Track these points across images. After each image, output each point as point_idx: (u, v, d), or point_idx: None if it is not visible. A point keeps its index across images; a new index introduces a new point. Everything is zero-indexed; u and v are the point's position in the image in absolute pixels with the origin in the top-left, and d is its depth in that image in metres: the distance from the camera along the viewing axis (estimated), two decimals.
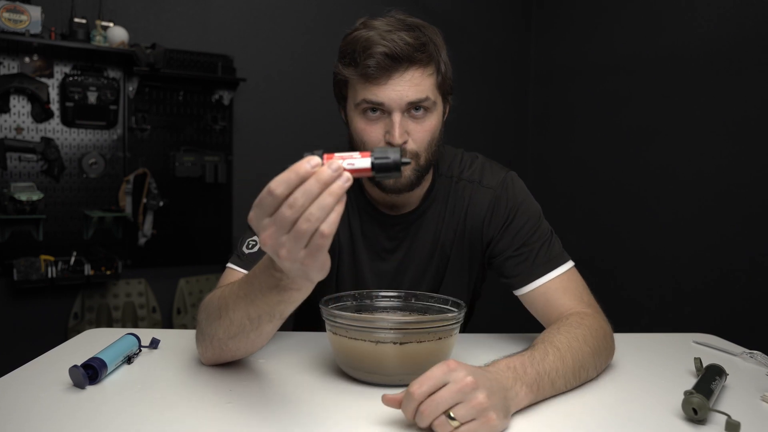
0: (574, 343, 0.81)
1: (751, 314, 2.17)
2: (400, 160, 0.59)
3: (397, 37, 0.88)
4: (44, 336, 2.37)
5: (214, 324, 0.78)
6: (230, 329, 0.76)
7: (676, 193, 2.51)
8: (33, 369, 0.83)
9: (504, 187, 1.03)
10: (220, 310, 0.76)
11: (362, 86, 0.91)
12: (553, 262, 0.97)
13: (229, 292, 0.76)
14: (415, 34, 0.89)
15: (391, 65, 0.88)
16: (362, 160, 0.59)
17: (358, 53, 0.89)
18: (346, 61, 0.91)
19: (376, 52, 0.87)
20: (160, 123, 2.59)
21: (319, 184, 0.55)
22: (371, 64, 0.87)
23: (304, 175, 0.56)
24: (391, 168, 0.59)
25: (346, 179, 0.56)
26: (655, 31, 2.63)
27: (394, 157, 0.59)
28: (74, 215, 2.45)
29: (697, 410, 0.69)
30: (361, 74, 0.89)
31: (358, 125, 0.94)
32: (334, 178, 0.56)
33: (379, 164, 0.59)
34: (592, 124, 3.00)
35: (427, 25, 0.94)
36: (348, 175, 0.57)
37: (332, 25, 2.90)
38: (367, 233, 1.05)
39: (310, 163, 0.56)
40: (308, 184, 0.55)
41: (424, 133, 0.93)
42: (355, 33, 0.91)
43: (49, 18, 2.31)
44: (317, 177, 0.56)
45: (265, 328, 0.74)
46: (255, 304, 0.70)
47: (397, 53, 0.87)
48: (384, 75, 0.88)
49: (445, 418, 0.62)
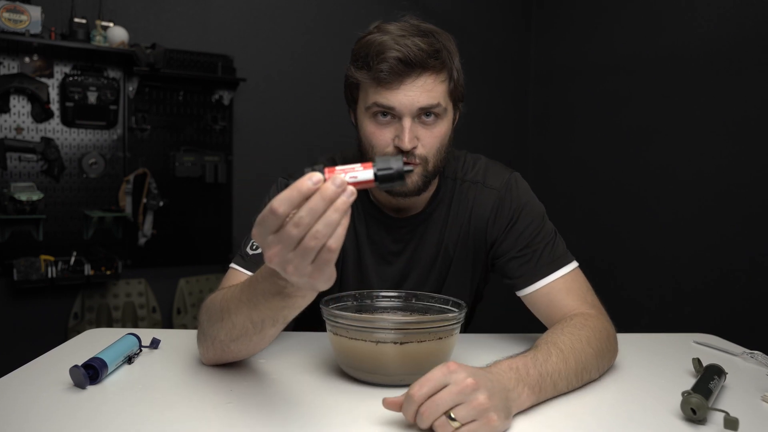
0: (578, 344, 0.80)
1: (751, 314, 2.17)
2: (402, 169, 0.59)
3: (411, 42, 0.87)
4: (44, 336, 2.37)
5: (215, 326, 0.78)
6: (232, 332, 0.76)
7: (676, 193, 2.51)
8: (33, 369, 0.83)
9: (508, 188, 1.03)
10: (222, 312, 0.76)
11: (374, 90, 0.90)
12: (557, 262, 0.97)
13: (231, 295, 0.76)
14: (429, 41, 0.89)
15: (404, 70, 0.88)
16: (365, 172, 0.58)
17: (372, 57, 0.88)
18: (359, 64, 0.91)
19: (390, 56, 0.87)
20: (160, 123, 2.59)
21: (324, 201, 0.55)
22: (384, 69, 0.87)
23: (307, 192, 0.55)
24: (395, 178, 0.59)
25: (351, 194, 0.56)
26: (655, 31, 2.63)
27: (397, 166, 0.58)
28: (74, 215, 2.45)
29: (695, 410, 0.69)
30: (373, 78, 0.89)
31: (368, 128, 0.93)
32: (339, 193, 0.55)
33: (383, 175, 0.59)
34: (592, 124, 3.00)
35: (441, 31, 0.94)
36: (352, 189, 0.56)
37: (332, 25, 2.90)
38: (372, 237, 1.05)
39: (312, 180, 0.55)
40: (313, 202, 0.55)
41: (434, 139, 0.93)
42: (368, 37, 0.91)
43: (49, 18, 2.31)
44: (322, 194, 0.55)
45: (268, 331, 0.74)
46: (258, 309, 0.70)
47: (411, 59, 0.87)
48: (396, 80, 0.88)
49: (446, 419, 0.62)
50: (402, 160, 0.59)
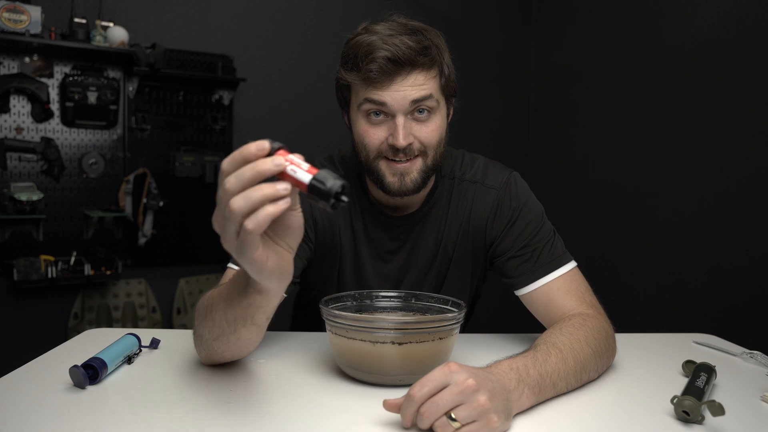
0: (576, 344, 0.80)
1: (751, 314, 2.17)
2: (337, 191, 0.54)
3: (399, 41, 0.87)
4: (44, 336, 2.38)
5: (201, 324, 0.78)
6: (213, 330, 0.76)
7: (676, 192, 2.51)
8: (33, 369, 0.83)
9: (507, 187, 1.03)
10: (206, 310, 0.77)
11: (365, 89, 0.91)
12: (556, 262, 0.97)
13: (218, 292, 0.76)
14: (418, 38, 0.89)
15: (394, 69, 0.88)
16: (304, 174, 0.55)
17: (361, 58, 0.88)
18: (349, 65, 0.91)
19: (379, 56, 0.87)
20: (160, 123, 2.59)
21: (253, 172, 0.54)
22: (374, 69, 0.87)
23: (248, 156, 0.54)
24: (324, 195, 0.54)
25: (284, 188, 0.54)
26: (655, 31, 2.63)
27: (332, 184, 0.54)
28: (74, 215, 2.45)
29: (688, 412, 0.69)
30: (363, 78, 0.89)
31: (361, 127, 0.94)
32: (272, 171, 0.54)
33: (314, 186, 0.54)
34: (592, 123, 3.00)
35: (430, 28, 0.94)
36: (286, 186, 0.54)
37: (332, 25, 2.90)
38: (370, 234, 1.05)
39: (257, 146, 0.54)
40: (243, 168, 0.54)
41: (431, 133, 0.93)
42: (357, 38, 0.91)
43: (49, 18, 2.31)
44: (254, 165, 0.54)
45: (240, 331, 0.73)
46: (231, 306, 0.70)
47: (400, 57, 0.87)
48: (387, 78, 0.88)
49: (447, 419, 0.62)
50: (343, 184, 0.55)
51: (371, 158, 0.94)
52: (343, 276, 1.07)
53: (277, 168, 0.54)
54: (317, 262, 1.05)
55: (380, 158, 0.94)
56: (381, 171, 0.94)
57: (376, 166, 0.94)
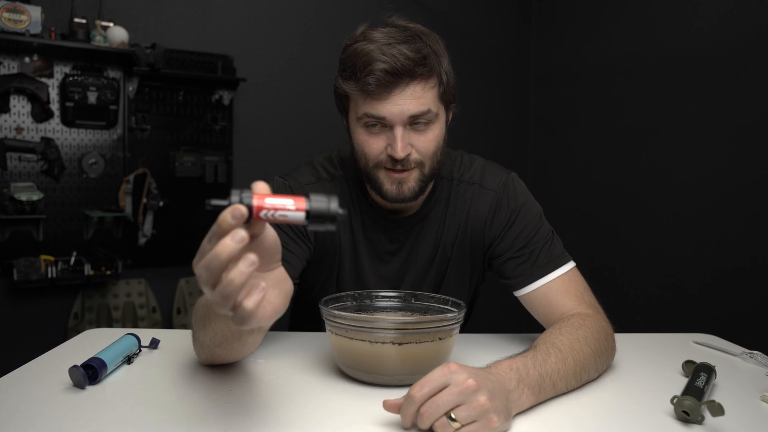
0: (576, 344, 0.81)
1: (751, 314, 2.17)
2: (337, 210, 0.53)
3: (397, 51, 0.86)
4: (44, 336, 2.38)
5: (201, 331, 0.78)
6: (215, 338, 0.75)
7: (676, 193, 2.51)
8: (33, 369, 0.83)
9: (505, 188, 1.03)
10: (203, 319, 0.76)
11: (363, 101, 0.90)
12: (554, 262, 0.97)
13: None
14: (416, 46, 0.88)
15: (392, 81, 0.87)
16: (296, 214, 0.52)
17: (359, 68, 0.88)
18: (347, 74, 0.91)
19: (377, 68, 0.86)
20: (160, 123, 2.59)
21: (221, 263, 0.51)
22: (371, 81, 0.87)
23: (226, 229, 0.51)
24: (328, 219, 0.53)
25: (250, 263, 0.50)
26: (655, 32, 2.63)
27: (330, 207, 0.53)
28: (74, 215, 2.45)
29: (688, 412, 0.69)
30: (361, 90, 0.89)
31: (360, 137, 0.94)
32: (238, 250, 0.50)
33: (315, 217, 0.53)
34: (592, 124, 3.00)
35: (428, 32, 0.93)
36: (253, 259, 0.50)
37: (332, 25, 2.90)
38: (369, 235, 1.05)
39: (234, 215, 0.50)
40: (212, 261, 0.51)
41: (428, 143, 0.93)
42: (354, 45, 0.90)
43: (49, 18, 2.31)
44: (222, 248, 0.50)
45: (246, 338, 0.74)
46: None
47: (398, 69, 0.86)
48: (385, 91, 0.88)
49: (447, 419, 0.62)
50: (337, 201, 0.54)
51: (370, 167, 0.95)
52: (342, 277, 1.07)
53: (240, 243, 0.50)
54: (316, 263, 1.05)
55: (379, 168, 0.94)
56: (380, 179, 0.95)
57: (374, 175, 0.95)
